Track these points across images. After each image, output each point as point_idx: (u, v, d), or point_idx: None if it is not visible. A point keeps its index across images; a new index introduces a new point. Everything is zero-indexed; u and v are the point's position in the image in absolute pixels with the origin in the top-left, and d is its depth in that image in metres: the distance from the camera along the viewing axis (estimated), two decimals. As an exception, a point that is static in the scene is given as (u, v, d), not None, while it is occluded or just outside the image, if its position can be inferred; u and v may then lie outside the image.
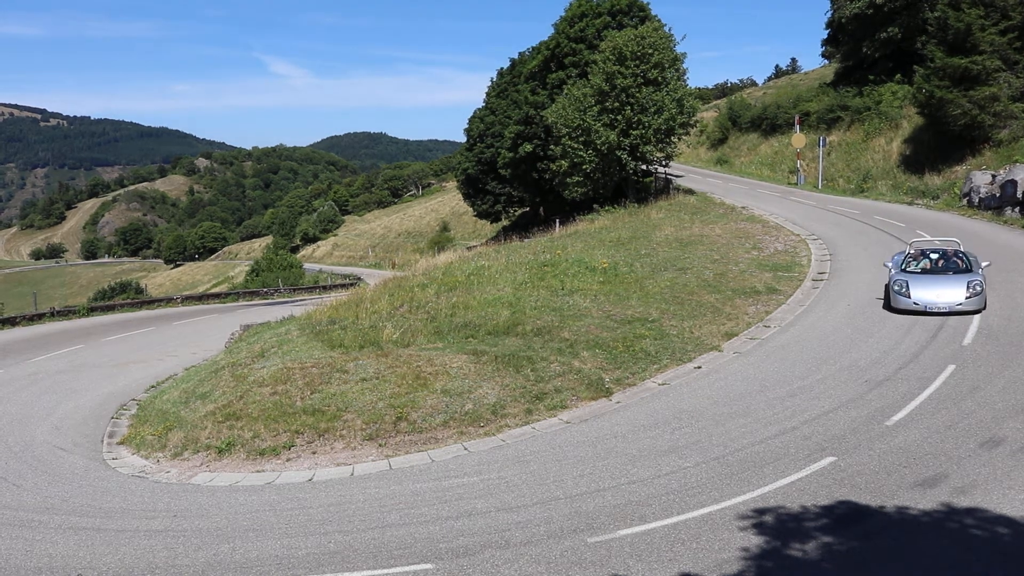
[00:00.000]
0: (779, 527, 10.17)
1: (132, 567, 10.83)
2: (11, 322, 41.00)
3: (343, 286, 56.58)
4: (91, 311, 46.22)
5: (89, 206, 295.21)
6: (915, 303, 20.45)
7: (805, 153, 53.00)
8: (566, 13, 52.05)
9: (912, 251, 22.73)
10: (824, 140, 51.08)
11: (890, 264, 22.41)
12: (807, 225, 33.85)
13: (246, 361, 20.25)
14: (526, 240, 38.10)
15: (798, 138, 52.99)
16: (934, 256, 22.32)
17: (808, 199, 42.98)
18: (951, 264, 21.91)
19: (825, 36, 62.33)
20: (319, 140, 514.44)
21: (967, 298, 20.08)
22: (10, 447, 17.56)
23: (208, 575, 10.50)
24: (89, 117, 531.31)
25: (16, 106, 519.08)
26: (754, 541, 9.84)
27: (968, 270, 21.32)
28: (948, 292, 20.36)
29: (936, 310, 20.14)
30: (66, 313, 44.92)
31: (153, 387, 22.90)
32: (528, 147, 52.93)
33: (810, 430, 13.70)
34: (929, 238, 25.81)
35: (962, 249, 22.59)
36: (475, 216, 77.75)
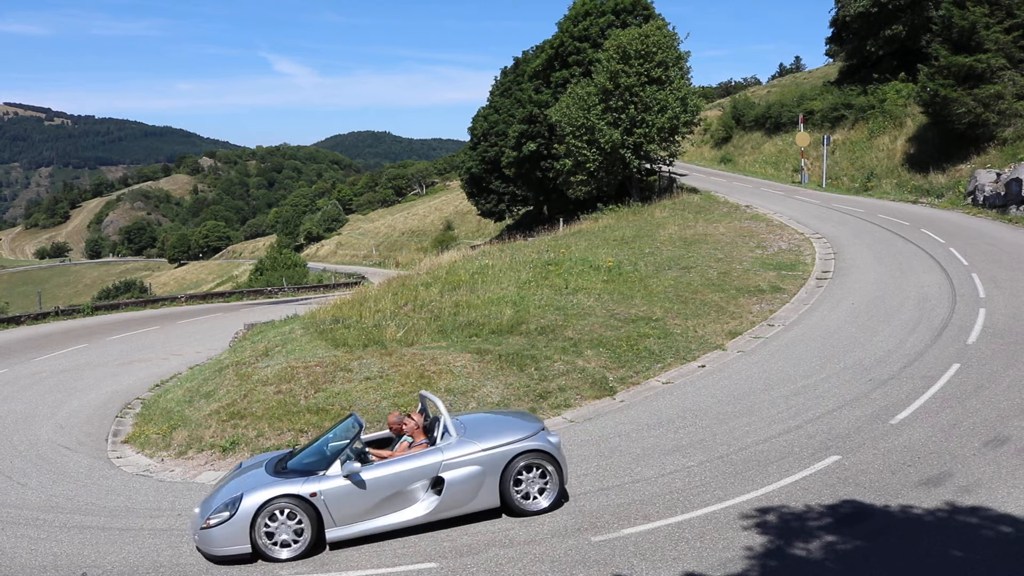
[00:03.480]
0: (783, 526, 10.16)
1: (137, 565, 10.85)
2: (15, 321, 41.09)
3: (347, 285, 56.58)
4: (95, 310, 46.25)
5: (93, 205, 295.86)
6: None
7: (809, 152, 52.92)
8: (570, 12, 52.03)
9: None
10: (828, 139, 50.99)
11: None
12: (811, 224, 33.82)
13: (250, 360, 20.27)
14: (530, 239, 38.07)
15: (802, 137, 52.92)
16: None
17: (812, 198, 42.94)
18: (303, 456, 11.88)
19: (829, 34, 62.15)
20: (323, 139, 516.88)
21: (203, 528, 10.80)
22: (15, 446, 17.59)
23: (212, 573, 10.51)
24: (93, 116, 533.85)
25: (20, 105, 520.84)
26: (758, 540, 9.84)
27: (299, 472, 11.30)
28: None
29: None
30: (70, 312, 44.97)
31: (157, 386, 22.93)
32: (532, 146, 52.92)
33: (814, 429, 13.69)
34: (434, 399, 12.15)
35: (430, 416, 12.29)
36: (479, 215, 77.82)
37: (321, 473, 11.05)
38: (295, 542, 10.76)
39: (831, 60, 77.68)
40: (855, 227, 33.11)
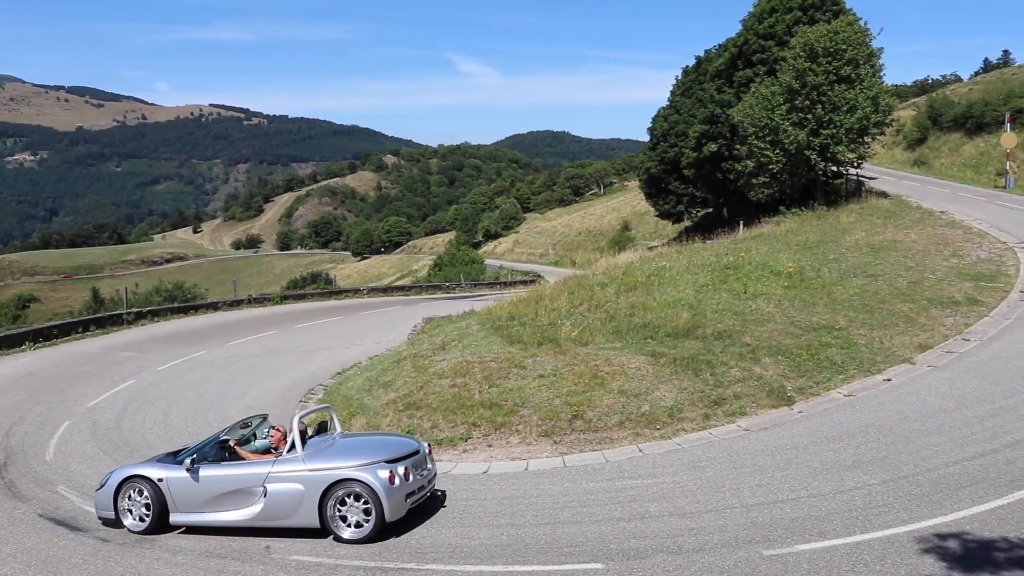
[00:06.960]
0: (973, 557, 9.48)
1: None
2: (213, 307, 44.02)
3: (523, 283, 57.36)
4: (284, 299, 48.93)
5: (285, 200, 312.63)
6: None
7: (1016, 154, 49.41)
8: (755, 9, 50.79)
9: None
10: (1038, 140, 47.48)
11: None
12: (1016, 232, 31.50)
13: (427, 353, 20.82)
14: (708, 241, 37.43)
15: (1008, 137, 49.38)
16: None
17: (1018, 204, 40.01)
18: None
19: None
20: (503, 138, 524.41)
21: (96, 490, 13.09)
22: (210, 422, 18.82)
23: (383, 555, 10.84)
24: (287, 116, 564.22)
25: (223, 106, 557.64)
26: (944, 570, 9.22)
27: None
28: None
29: None
30: (262, 300, 47.74)
31: (339, 374, 23.97)
32: (712, 147, 52.02)
33: (1014, 454, 12.70)
34: (296, 415, 12.94)
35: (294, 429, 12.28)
36: (656, 216, 77.11)
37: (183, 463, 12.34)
38: (146, 517, 12.29)
39: (1044, 55, 72.26)
40: (1065, 237, 30.67)
